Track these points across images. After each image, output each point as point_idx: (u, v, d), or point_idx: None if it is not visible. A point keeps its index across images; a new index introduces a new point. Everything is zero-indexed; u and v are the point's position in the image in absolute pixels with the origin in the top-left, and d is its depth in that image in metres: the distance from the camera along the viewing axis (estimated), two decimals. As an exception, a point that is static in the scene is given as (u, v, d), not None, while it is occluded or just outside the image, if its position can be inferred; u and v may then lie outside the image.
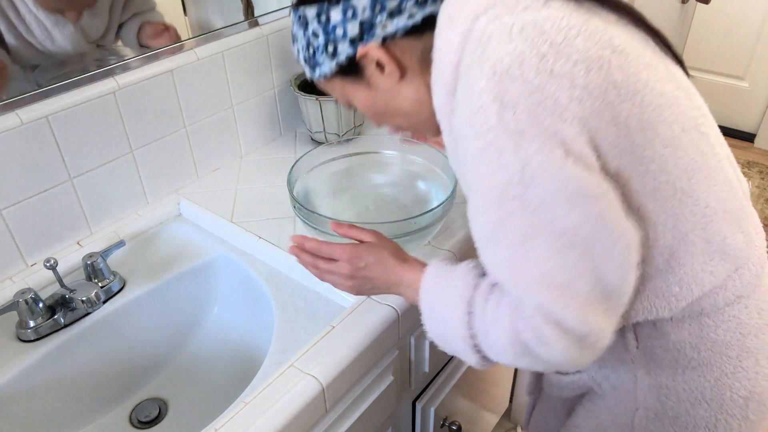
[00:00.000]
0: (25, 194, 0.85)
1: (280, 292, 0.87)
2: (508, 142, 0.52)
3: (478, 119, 0.53)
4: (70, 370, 0.84)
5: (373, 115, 0.72)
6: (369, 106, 0.70)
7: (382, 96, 0.68)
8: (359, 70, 0.66)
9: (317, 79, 0.70)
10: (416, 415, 1.03)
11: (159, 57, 0.96)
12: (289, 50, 1.17)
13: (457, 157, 0.62)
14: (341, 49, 0.65)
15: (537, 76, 0.51)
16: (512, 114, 0.51)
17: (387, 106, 0.69)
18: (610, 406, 0.74)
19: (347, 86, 0.69)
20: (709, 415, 0.68)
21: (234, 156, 1.14)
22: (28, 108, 0.82)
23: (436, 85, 0.62)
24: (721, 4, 2.73)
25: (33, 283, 0.85)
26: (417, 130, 0.75)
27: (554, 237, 0.53)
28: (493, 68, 0.52)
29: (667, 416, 0.70)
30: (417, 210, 0.85)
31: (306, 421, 0.70)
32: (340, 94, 0.71)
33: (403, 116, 0.70)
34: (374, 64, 0.65)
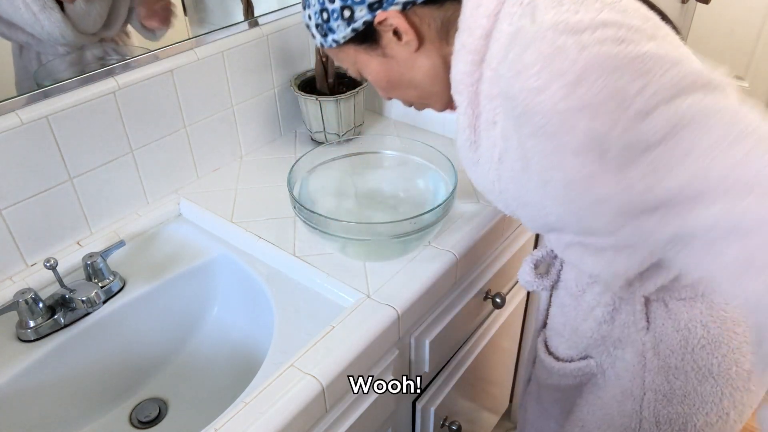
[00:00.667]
0: (25, 194, 0.85)
1: (280, 292, 0.87)
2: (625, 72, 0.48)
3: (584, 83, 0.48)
4: (70, 370, 0.84)
5: (385, 86, 0.70)
6: (382, 76, 0.69)
7: (397, 66, 0.67)
8: (375, 38, 0.65)
9: (328, 47, 0.68)
10: (416, 415, 1.03)
11: (159, 57, 0.96)
12: (289, 50, 1.17)
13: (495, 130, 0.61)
14: (358, 15, 0.63)
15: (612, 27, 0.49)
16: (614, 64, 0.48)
17: (401, 77, 0.68)
18: (615, 394, 0.75)
19: (360, 54, 0.67)
20: (716, 390, 0.69)
21: (234, 156, 1.14)
22: (28, 108, 0.82)
23: (460, 53, 0.61)
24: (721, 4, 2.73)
25: (33, 283, 0.85)
26: (426, 104, 0.74)
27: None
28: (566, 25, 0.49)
29: (675, 396, 0.71)
30: (417, 210, 0.85)
31: (306, 421, 0.70)
32: (351, 63, 0.70)
33: (415, 88, 0.69)
34: (392, 31, 0.63)
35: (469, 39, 0.59)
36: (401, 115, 1.29)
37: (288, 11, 1.15)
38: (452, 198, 0.86)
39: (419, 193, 1.01)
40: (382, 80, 0.69)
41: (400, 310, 0.80)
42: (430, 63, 0.66)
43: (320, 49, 0.73)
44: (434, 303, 0.91)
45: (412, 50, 0.64)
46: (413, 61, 0.66)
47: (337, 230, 0.83)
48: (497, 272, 1.06)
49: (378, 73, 0.68)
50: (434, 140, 1.18)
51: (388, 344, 0.82)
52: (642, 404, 0.72)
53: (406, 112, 1.28)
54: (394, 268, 0.87)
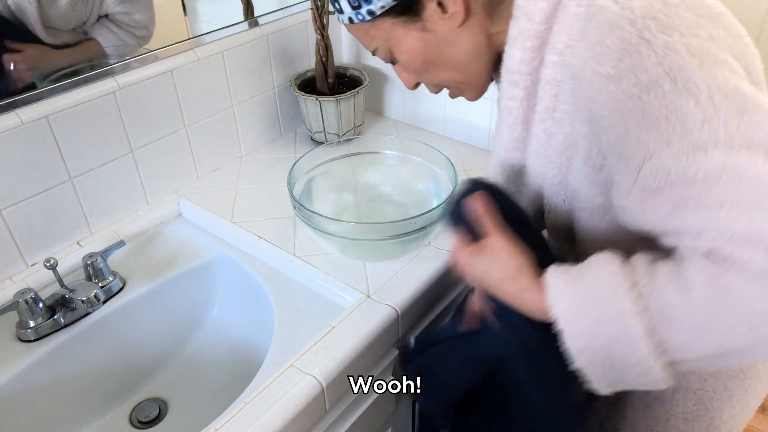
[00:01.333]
0: (25, 194, 0.85)
1: (280, 292, 0.87)
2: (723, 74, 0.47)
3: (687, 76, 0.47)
4: (70, 370, 0.84)
5: (420, 66, 0.64)
6: (418, 53, 0.62)
7: (437, 42, 0.61)
8: (416, 9, 0.59)
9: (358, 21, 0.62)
10: (416, 415, 1.03)
11: (159, 57, 0.96)
12: (289, 50, 1.17)
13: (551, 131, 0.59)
14: None
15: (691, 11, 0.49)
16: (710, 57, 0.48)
17: (439, 55, 0.62)
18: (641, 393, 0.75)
19: (397, 29, 0.61)
20: (743, 384, 0.70)
21: (234, 156, 1.14)
22: (28, 108, 0.82)
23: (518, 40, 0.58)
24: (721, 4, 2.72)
25: (33, 283, 0.85)
26: (462, 88, 0.68)
27: None
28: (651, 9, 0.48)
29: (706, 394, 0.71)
30: (417, 210, 0.85)
31: (306, 421, 0.70)
32: (383, 40, 0.63)
33: (452, 68, 0.64)
34: (436, 2, 0.58)
35: (528, 24, 0.56)
36: (401, 115, 1.29)
37: (288, 11, 1.15)
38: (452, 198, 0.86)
39: (419, 193, 1.01)
40: (417, 59, 0.63)
41: (400, 310, 0.80)
42: (474, 40, 0.61)
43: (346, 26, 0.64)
44: (434, 303, 0.91)
45: (456, 24, 0.59)
46: (455, 37, 0.60)
47: (337, 230, 0.83)
48: (497, 272, 1.06)
49: (415, 49, 0.62)
50: (434, 140, 1.18)
51: (388, 344, 0.82)
52: (671, 403, 0.72)
53: (406, 112, 1.28)
54: (394, 268, 0.87)
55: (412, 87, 0.69)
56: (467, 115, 1.17)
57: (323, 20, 1.09)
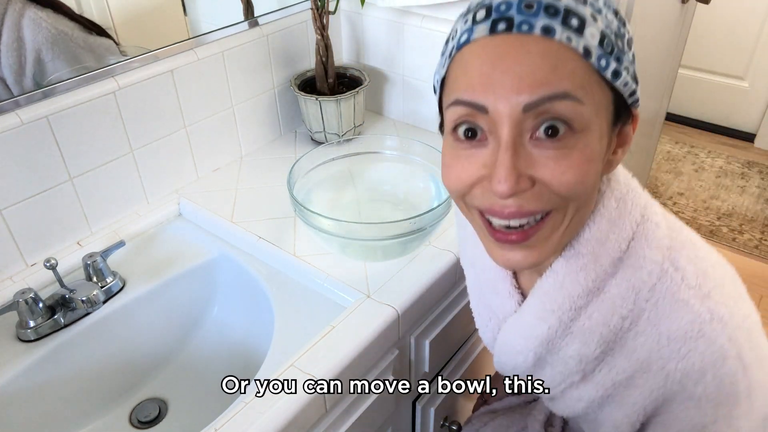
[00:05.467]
0: (25, 194, 0.85)
1: (280, 292, 0.87)
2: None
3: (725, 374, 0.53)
4: (70, 370, 0.84)
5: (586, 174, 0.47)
6: (593, 169, 0.48)
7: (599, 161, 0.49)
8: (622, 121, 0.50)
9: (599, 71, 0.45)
10: (416, 415, 1.03)
11: (159, 57, 0.96)
12: (289, 50, 1.17)
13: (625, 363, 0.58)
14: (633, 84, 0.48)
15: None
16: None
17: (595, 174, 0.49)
18: None
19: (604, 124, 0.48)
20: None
21: (234, 156, 1.14)
22: (28, 108, 0.82)
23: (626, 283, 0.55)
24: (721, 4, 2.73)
25: (33, 283, 0.85)
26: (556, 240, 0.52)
27: None
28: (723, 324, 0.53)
29: None
30: (417, 210, 0.85)
31: (306, 421, 0.70)
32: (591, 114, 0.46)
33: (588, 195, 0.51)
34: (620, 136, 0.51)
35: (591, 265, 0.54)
36: (401, 115, 1.29)
37: (288, 11, 1.15)
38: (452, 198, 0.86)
39: (419, 193, 1.01)
40: (590, 164, 0.47)
41: (400, 310, 0.80)
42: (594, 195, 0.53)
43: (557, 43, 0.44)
44: (434, 303, 0.91)
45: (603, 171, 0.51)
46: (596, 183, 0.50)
47: (337, 230, 0.83)
48: (497, 272, 1.06)
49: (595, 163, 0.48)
50: (434, 140, 1.18)
51: (388, 344, 0.82)
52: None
53: (406, 112, 1.28)
54: (394, 268, 0.87)
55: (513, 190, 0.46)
56: (467, 115, 1.17)
57: (323, 20, 1.09)
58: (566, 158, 0.46)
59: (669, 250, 0.55)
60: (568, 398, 0.65)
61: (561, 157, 0.46)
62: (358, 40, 1.27)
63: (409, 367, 0.93)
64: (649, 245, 0.54)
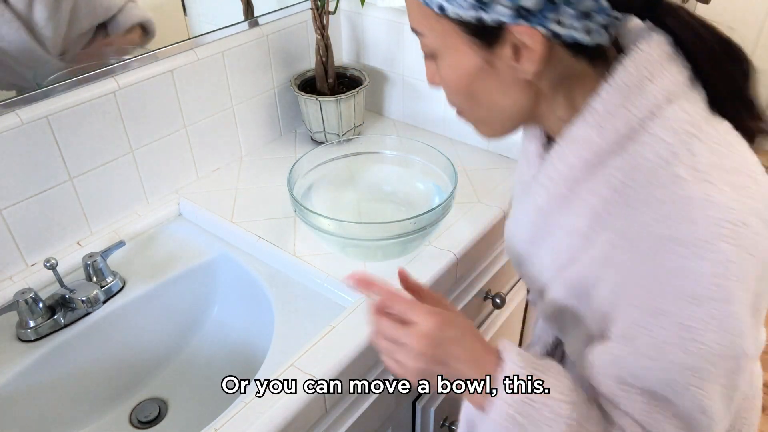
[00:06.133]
0: (25, 194, 0.85)
1: (280, 292, 0.87)
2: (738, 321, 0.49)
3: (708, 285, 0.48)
4: (70, 370, 0.84)
5: (458, 91, 0.59)
6: (464, 78, 0.57)
7: (490, 82, 0.56)
8: (492, 41, 0.53)
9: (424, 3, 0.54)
10: (416, 415, 1.03)
11: (159, 57, 0.96)
12: (289, 50, 1.17)
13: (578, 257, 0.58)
14: (497, 10, 0.50)
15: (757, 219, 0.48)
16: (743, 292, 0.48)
17: (484, 94, 0.58)
18: None
19: (459, 43, 0.55)
20: None
21: (234, 156, 1.14)
22: (28, 108, 0.82)
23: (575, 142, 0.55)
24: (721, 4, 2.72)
25: (33, 283, 0.85)
26: (480, 123, 0.63)
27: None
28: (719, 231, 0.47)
29: None
30: (417, 210, 0.85)
31: (306, 421, 0.70)
32: (439, 37, 0.56)
33: (485, 109, 0.59)
34: (513, 48, 0.53)
35: (595, 137, 0.53)
36: (401, 115, 1.29)
37: (288, 11, 1.15)
38: (452, 198, 0.86)
39: (419, 193, 1.01)
40: (461, 82, 0.57)
41: (400, 310, 0.80)
42: (524, 100, 0.57)
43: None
44: (434, 303, 0.91)
45: (520, 77, 0.55)
46: (509, 87, 0.56)
47: (337, 230, 0.83)
48: (497, 272, 1.06)
49: (466, 73, 0.56)
50: (434, 140, 1.18)
51: (388, 344, 0.82)
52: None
53: (406, 112, 1.28)
54: (394, 268, 0.87)
55: (433, 85, 0.63)
56: (467, 115, 1.17)
57: (323, 20, 1.09)
58: (439, 73, 0.60)
59: (689, 137, 0.51)
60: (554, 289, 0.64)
61: (431, 66, 0.62)
62: (358, 40, 1.27)
63: (409, 367, 0.93)
64: (664, 126, 0.51)
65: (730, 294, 0.48)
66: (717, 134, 0.51)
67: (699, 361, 0.50)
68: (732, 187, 0.49)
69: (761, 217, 0.49)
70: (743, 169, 0.51)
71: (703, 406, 0.52)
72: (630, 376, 0.55)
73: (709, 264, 0.47)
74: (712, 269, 0.47)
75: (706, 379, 0.51)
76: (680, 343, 0.50)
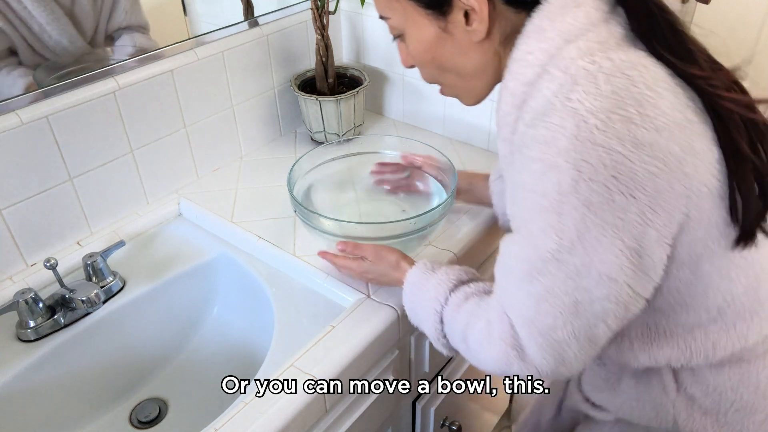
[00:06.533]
0: (25, 194, 0.85)
1: (280, 292, 0.87)
2: (575, 211, 0.51)
3: (550, 178, 0.52)
4: (70, 370, 0.84)
5: (425, 61, 0.66)
6: (428, 49, 0.64)
7: (450, 47, 0.63)
8: (445, 10, 0.61)
9: None
10: (416, 415, 1.03)
11: (159, 57, 0.96)
12: (289, 50, 1.17)
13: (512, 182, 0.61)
14: None
15: (620, 146, 0.49)
16: (586, 185, 0.50)
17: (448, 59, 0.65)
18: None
19: (418, 17, 0.63)
20: None
21: (234, 156, 1.14)
22: (28, 108, 0.82)
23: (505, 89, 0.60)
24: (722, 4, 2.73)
25: (33, 283, 0.85)
26: (458, 94, 0.70)
27: (572, 303, 0.55)
28: (577, 128, 0.50)
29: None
30: (417, 210, 0.85)
31: (306, 421, 0.70)
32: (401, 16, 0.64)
33: (456, 74, 0.66)
34: (464, 12, 0.60)
35: (512, 82, 0.58)
36: (401, 115, 1.29)
37: (288, 11, 1.15)
38: (452, 198, 0.86)
39: (419, 193, 1.01)
40: (426, 53, 0.65)
41: (400, 310, 0.80)
42: (483, 60, 0.63)
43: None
44: (434, 303, 0.91)
45: (474, 39, 0.61)
46: (468, 51, 0.63)
47: (337, 230, 0.83)
48: (497, 272, 1.06)
49: (428, 44, 0.64)
50: (434, 140, 1.18)
51: (388, 344, 0.82)
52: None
53: (406, 112, 1.28)
54: (394, 268, 0.87)
55: (407, 67, 0.71)
56: (467, 115, 1.17)
57: (323, 20, 1.09)
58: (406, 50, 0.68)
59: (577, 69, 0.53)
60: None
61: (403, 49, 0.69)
62: (358, 40, 1.27)
63: (409, 367, 0.93)
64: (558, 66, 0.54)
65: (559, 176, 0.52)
66: (612, 64, 0.52)
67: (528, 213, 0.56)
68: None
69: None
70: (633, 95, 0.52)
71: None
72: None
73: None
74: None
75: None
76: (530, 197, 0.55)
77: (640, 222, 0.51)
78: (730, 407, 0.66)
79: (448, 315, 0.69)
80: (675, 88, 0.53)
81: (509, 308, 0.60)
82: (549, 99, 0.53)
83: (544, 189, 0.52)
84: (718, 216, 0.56)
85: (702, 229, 0.55)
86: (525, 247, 0.56)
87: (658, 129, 0.50)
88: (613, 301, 0.54)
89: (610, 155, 0.49)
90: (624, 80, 0.51)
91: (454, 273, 0.72)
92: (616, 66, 0.51)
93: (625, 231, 0.51)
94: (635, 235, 0.52)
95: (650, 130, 0.50)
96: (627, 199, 0.50)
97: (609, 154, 0.49)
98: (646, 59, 0.53)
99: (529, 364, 0.60)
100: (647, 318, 0.62)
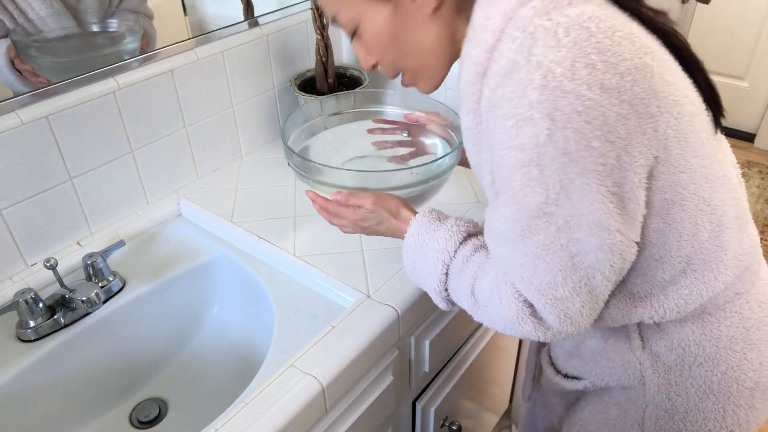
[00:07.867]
0: (25, 194, 0.85)
1: (280, 292, 0.87)
2: (554, 162, 0.52)
3: (525, 132, 0.52)
4: (70, 370, 0.84)
5: (382, 47, 0.66)
6: (383, 34, 0.64)
7: (404, 26, 0.63)
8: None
9: None
10: (416, 415, 1.03)
11: (159, 57, 0.96)
12: (290, 50, 1.17)
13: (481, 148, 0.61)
14: None
15: (588, 91, 0.50)
16: (562, 133, 0.51)
17: (403, 40, 0.65)
18: (620, 401, 0.74)
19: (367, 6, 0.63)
20: (717, 407, 0.69)
21: (234, 156, 1.14)
22: (28, 108, 0.82)
23: (466, 58, 0.60)
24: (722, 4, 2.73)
25: (33, 283, 0.85)
26: (417, 77, 0.70)
27: (568, 257, 0.55)
28: (545, 79, 0.51)
29: (677, 412, 0.70)
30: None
31: (306, 421, 0.70)
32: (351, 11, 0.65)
33: (413, 55, 0.66)
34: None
35: (474, 50, 0.58)
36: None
37: (288, 11, 1.15)
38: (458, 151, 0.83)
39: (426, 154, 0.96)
40: (382, 39, 0.65)
41: (400, 310, 0.80)
42: (438, 34, 0.63)
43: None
44: (434, 303, 0.91)
45: (426, 13, 0.62)
46: (422, 26, 0.63)
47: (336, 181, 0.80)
48: (497, 272, 1.06)
49: (382, 29, 0.64)
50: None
51: (388, 344, 0.82)
52: (644, 416, 0.72)
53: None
54: (394, 268, 0.87)
55: (369, 68, 0.70)
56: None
57: (323, 20, 1.09)
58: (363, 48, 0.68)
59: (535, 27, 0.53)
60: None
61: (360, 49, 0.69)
62: (358, 40, 1.27)
63: (409, 367, 0.93)
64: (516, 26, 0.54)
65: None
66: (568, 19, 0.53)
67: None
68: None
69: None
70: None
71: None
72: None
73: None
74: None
75: None
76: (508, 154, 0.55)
77: (618, 167, 0.52)
78: (694, 361, 0.67)
79: (455, 268, 0.67)
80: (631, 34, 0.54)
81: (508, 273, 0.60)
82: (512, 58, 0.53)
83: (521, 143, 0.53)
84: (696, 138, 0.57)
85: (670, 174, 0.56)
86: (512, 207, 0.56)
87: (622, 74, 0.51)
88: (607, 250, 0.55)
89: (581, 101, 0.50)
90: (582, 31, 0.52)
91: (464, 224, 0.69)
92: (572, 20, 0.52)
93: (606, 177, 0.52)
94: (617, 181, 0.53)
95: (614, 75, 0.51)
96: (604, 145, 0.51)
97: (579, 99, 0.50)
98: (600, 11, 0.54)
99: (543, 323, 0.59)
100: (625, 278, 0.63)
